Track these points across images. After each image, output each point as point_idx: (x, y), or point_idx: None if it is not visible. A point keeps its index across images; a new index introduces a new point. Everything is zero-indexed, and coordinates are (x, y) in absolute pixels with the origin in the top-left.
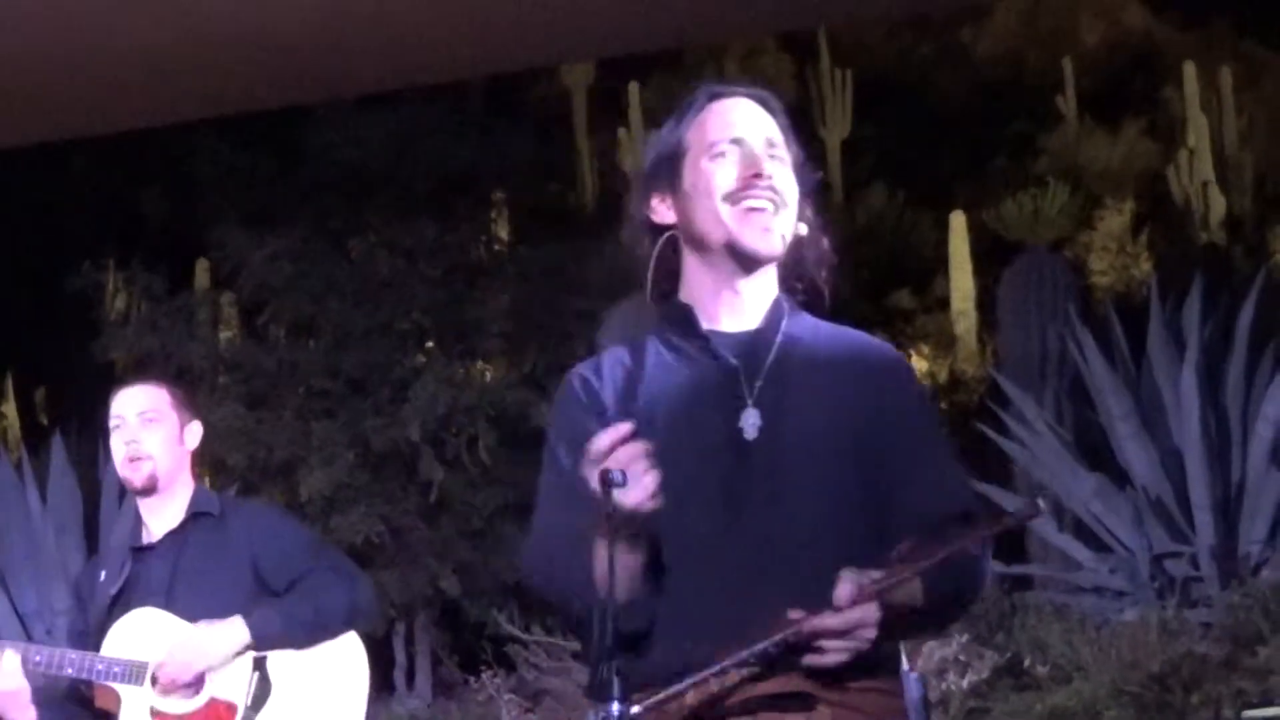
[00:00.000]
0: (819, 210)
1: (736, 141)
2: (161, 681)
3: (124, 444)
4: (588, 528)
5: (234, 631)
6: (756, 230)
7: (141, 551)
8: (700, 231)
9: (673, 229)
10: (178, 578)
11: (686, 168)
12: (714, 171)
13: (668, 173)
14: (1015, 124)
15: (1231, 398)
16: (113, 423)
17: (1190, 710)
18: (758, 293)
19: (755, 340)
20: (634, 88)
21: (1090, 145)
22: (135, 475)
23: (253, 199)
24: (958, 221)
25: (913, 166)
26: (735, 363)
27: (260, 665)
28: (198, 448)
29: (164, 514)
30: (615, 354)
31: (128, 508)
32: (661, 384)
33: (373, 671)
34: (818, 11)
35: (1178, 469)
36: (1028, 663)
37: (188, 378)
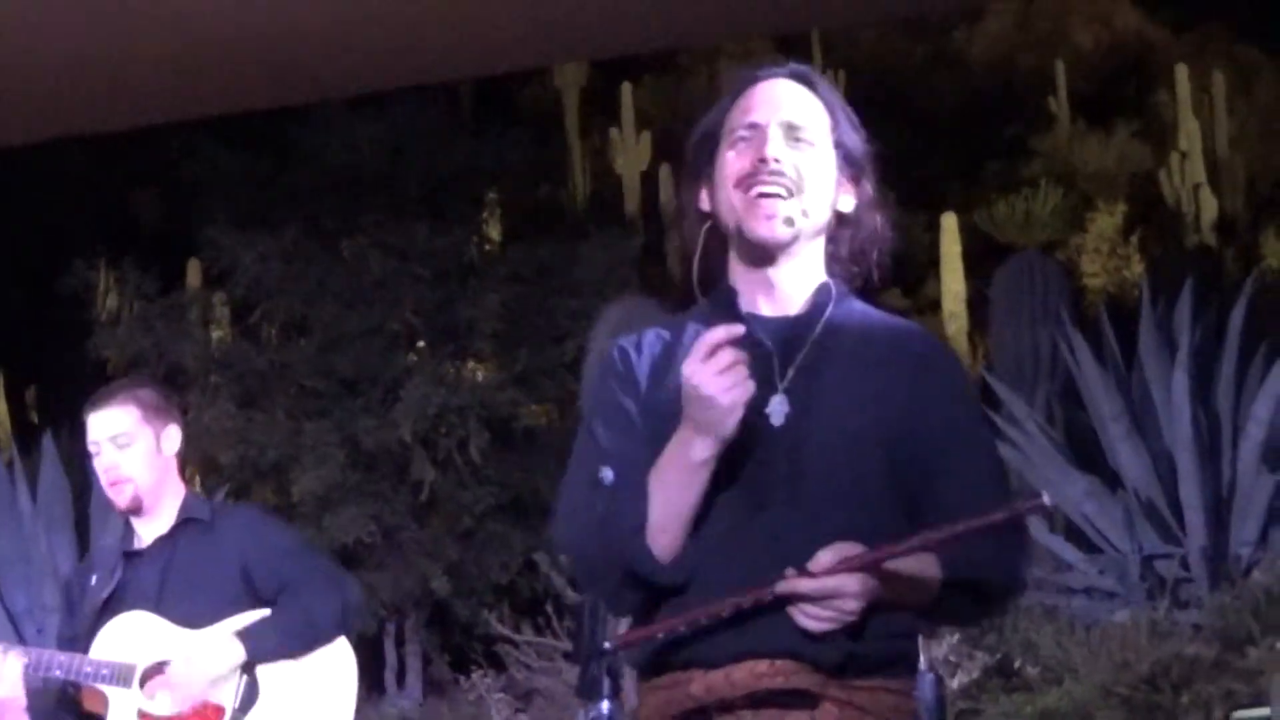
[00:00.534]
0: (870, 191)
1: (754, 126)
2: (150, 687)
3: (103, 470)
4: (646, 463)
5: (230, 650)
6: (759, 217)
7: (132, 556)
8: (721, 219)
9: (711, 217)
10: (168, 583)
11: (718, 155)
12: (731, 159)
13: (705, 161)
14: (1008, 126)
15: (1222, 399)
16: (90, 448)
17: (1180, 711)
18: (796, 278)
19: (794, 326)
20: (626, 89)
21: (1082, 147)
22: (119, 499)
23: (245, 199)
24: (949, 223)
25: (905, 168)
26: (770, 347)
27: (249, 669)
28: (187, 448)
29: (155, 520)
30: (657, 331)
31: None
32: (676, 361)
33: (364, 671)
34: (811, 13)
35: (1169, 470)
36: (1018, 664)
37: (180, 378)
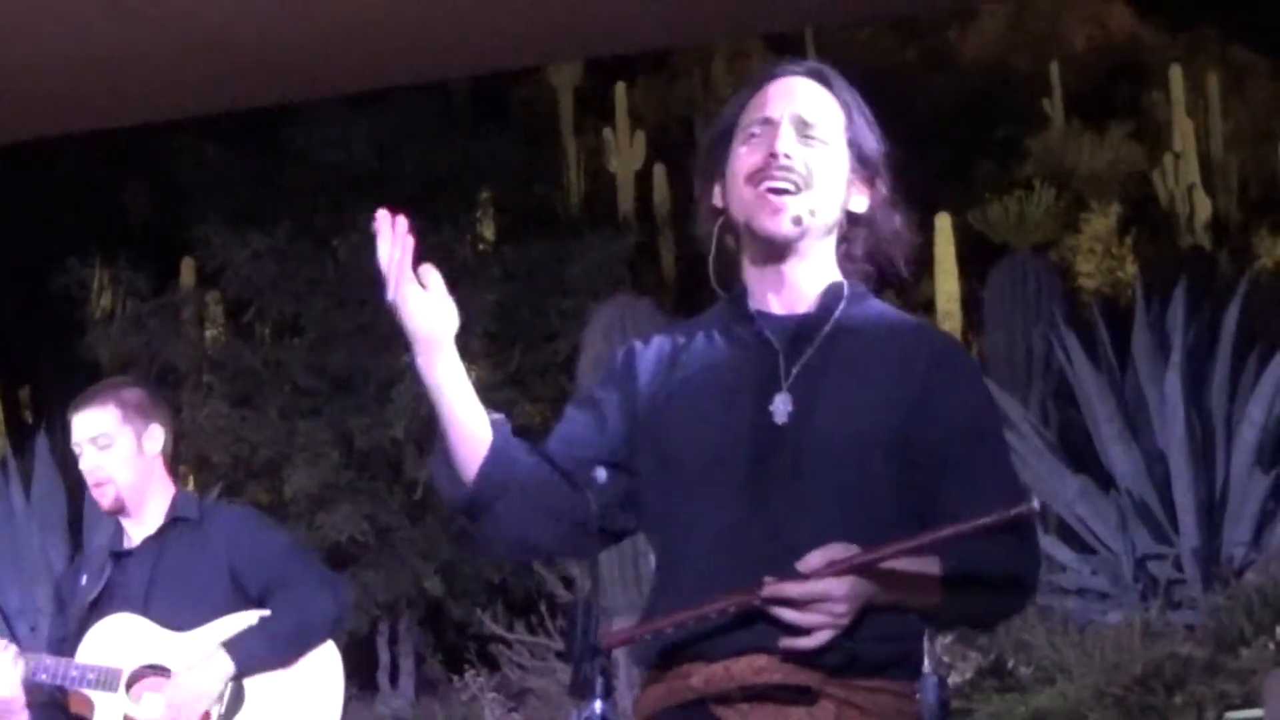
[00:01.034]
0: (884, 193)
1: (767, 122)
2: (136, 690)
3: (86, 472)
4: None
5: (220, 667)
6: (766, 212)
7: (121, 557)
8: (733, 215)
9: (723, 213)
10: (155, 583)
11: (731, 151)
12: (742, 154)
13: (720, 157)
14: (1001, 127)
15: (1216, 400)
16: (74, 450)
17: (1173, 712)
18: (807, 276)
19: (803, 324)
20: (621, 88)
21: (1076, 148)
22: (102, 500)
23: (238, 198)
24: (943, 223)
25: (899, 167)
26: (778, 346)
27: (235, 677)
28: (180, 446)
29: (143, 520)
30: (673, 334)
31: None
32: (703, 360)
33: (356, 671)
34: (804, 13)
35: (1162, 471)
36: (1011, 664)
37: (173, 376)
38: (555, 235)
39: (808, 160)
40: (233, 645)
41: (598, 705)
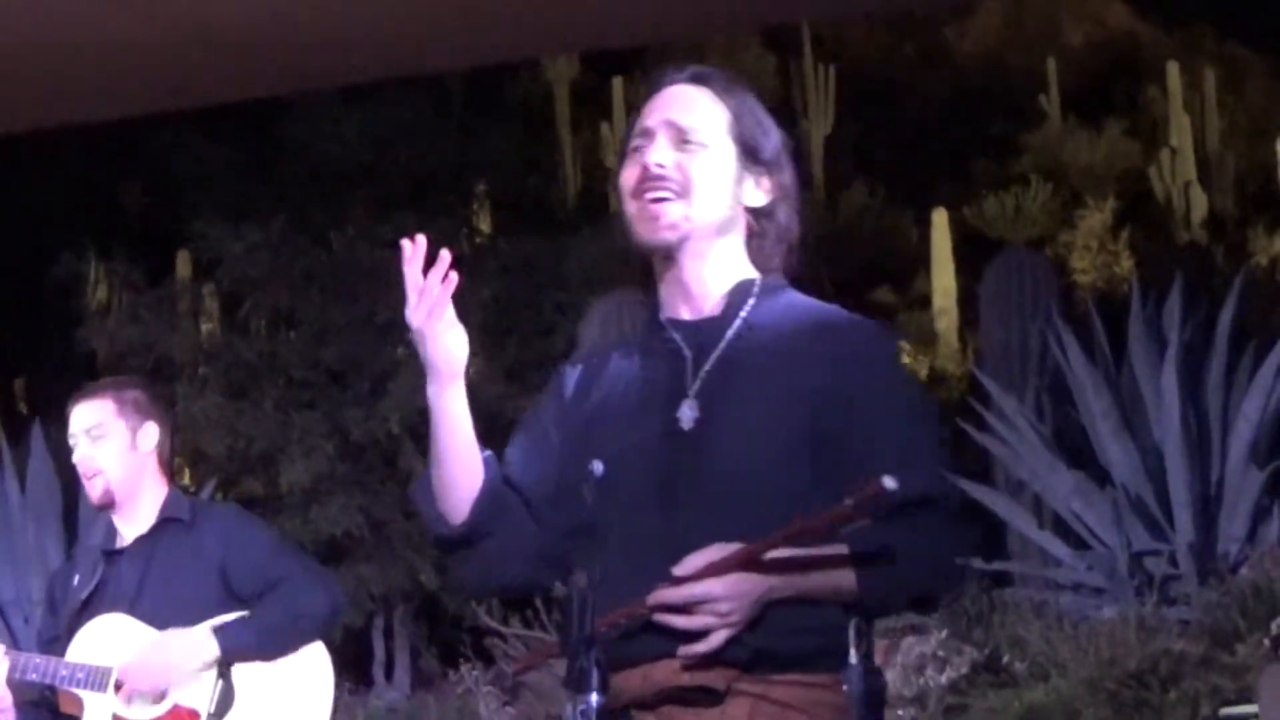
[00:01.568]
0: (786, 184)
1: (645, 134)
2: (125, 690)
3: (77, 463)
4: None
5: (202, 644)
6: (646, 219)
7: (112, 556)
8: (627, 231)
9: None
10: (146, 584)
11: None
12: (625, 170)
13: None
14: (998, 122)
15: (1212, 396)
16: (70, 441)
17: (1168, 708)
18: (710, 278)
19: (710, 328)
20: (618, 82)
21: (1073, 144)
22: (91, 492)
23: (233, 191)
24: (939, 219)
25: (895, 164)
26: (687, 352)
27: (224, 672)
28: (176, 439)
29: (135, 518)
30: (603, 346)
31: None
32: (621, 375)
33: (351, 664)
34: (801, 7)
35: (1158, 467)
36: (1006, 659)
37: (168, 369)
38: (551, 229)
39: (685, 166)
40: (221, 631)
41: (593, 698)
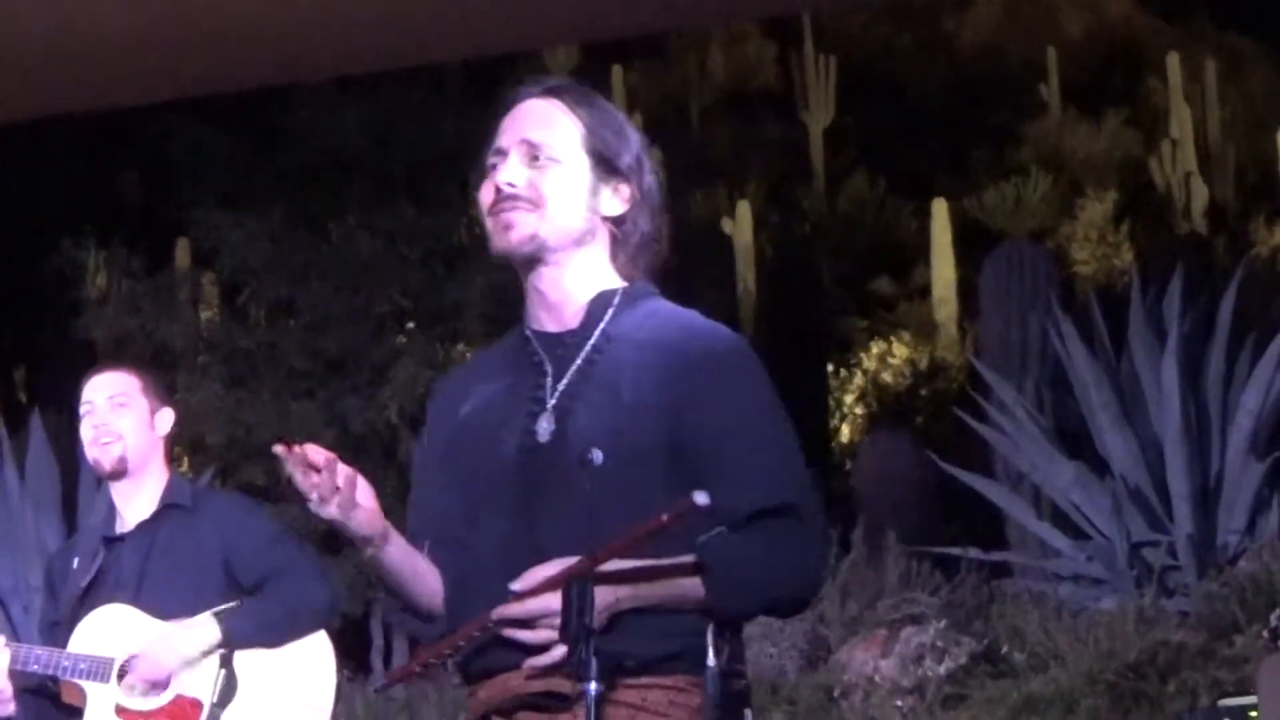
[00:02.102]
0: (645, 190)
1: (499, 152)
2: (131, 679)
3: (93, 428)
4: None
5: (205, 631)
6: (499, 230)
7: (113, 542)
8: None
9: None
10: (147, 571)
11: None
12: (482, 188)
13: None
14: (998, 113)
15: (1211, 388)
16: (83, 408)
17: (1166, 699)
18: (573, 287)
19: (570, 340)
20: (617, 72)
21: (1073, 135)
22: (105, 456)
23: (232, 180)
24: (939, 209)
25: (895, 154)
26: (548, 365)
27: (227, 662)
28: (173, 432)
29: (137, 503)
30: (476, 359)
31: (104, 493)
32: (487, 390)
33: (349, 652)
34: None
35: (1157, 458)
36: (1005, 650)
37: (167, 357)
38: None
39: (537, 182)
40: (223, 617)
41: (593, 686)
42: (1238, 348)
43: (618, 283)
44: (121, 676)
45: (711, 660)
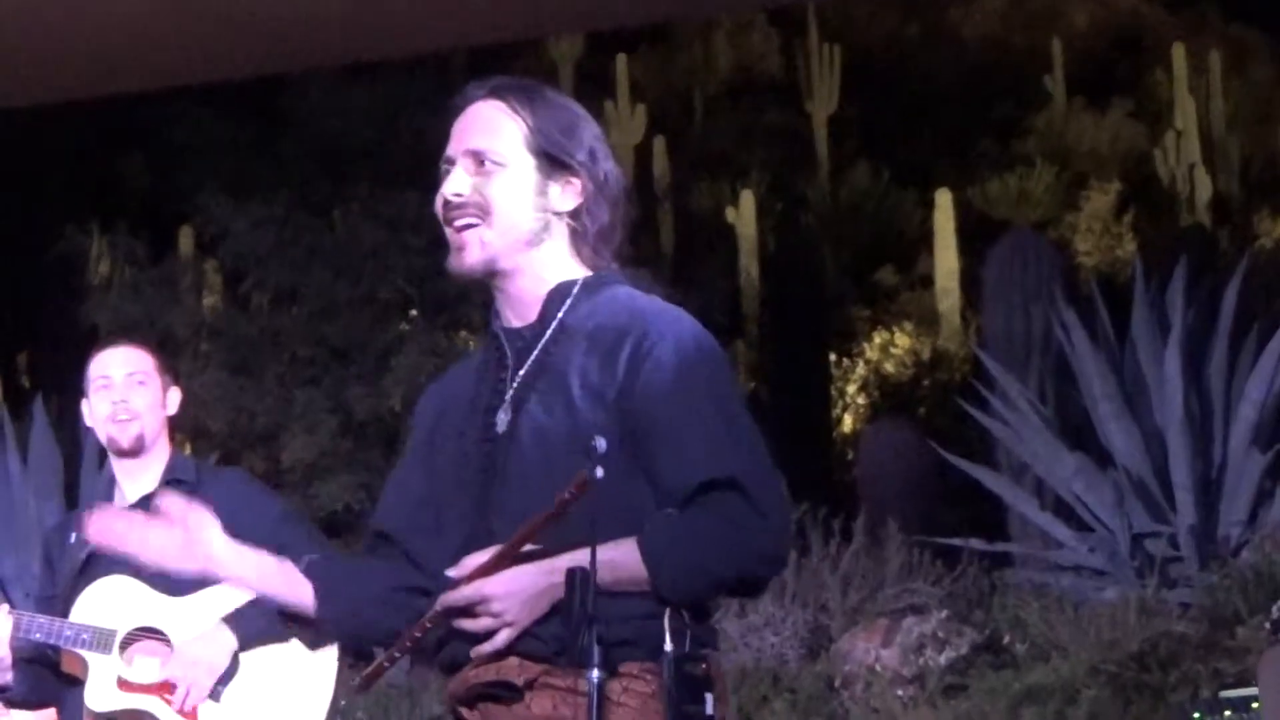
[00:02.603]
0: (600, 179)
1: (449, 161)
2: (130, 651)
3: (111, 404)
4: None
5: (225, 641)
6: (454, 250)
7: None
8: None
9: None
10: None
11: None
12: (437, 200)
13: None
14: (1002, 104)
15: (1214, 379)
16: (97, 382)
17: (1168, 690)
18: (531, 286)
19: (530, 334)
20: (622, 61)
21: (1077, 126)
22: (123, 435)
23: (236, 167)
24: (943, 199)
25: (899, 144)
26: (510, 359)
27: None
28: (177, 414)
29: (140, 478)
30: (464, 358)
31: (105, 469)
32: (461, 386)
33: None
34: None
35: (1159, 449)
36: (1006, 640)
37: (170, 344)
38: None
39: (483, 189)
40: (234, 620)
41: (594, 674)
42: (1241, 339)
43: (580, 274)
44: (123, 649)
45: (668, 645)
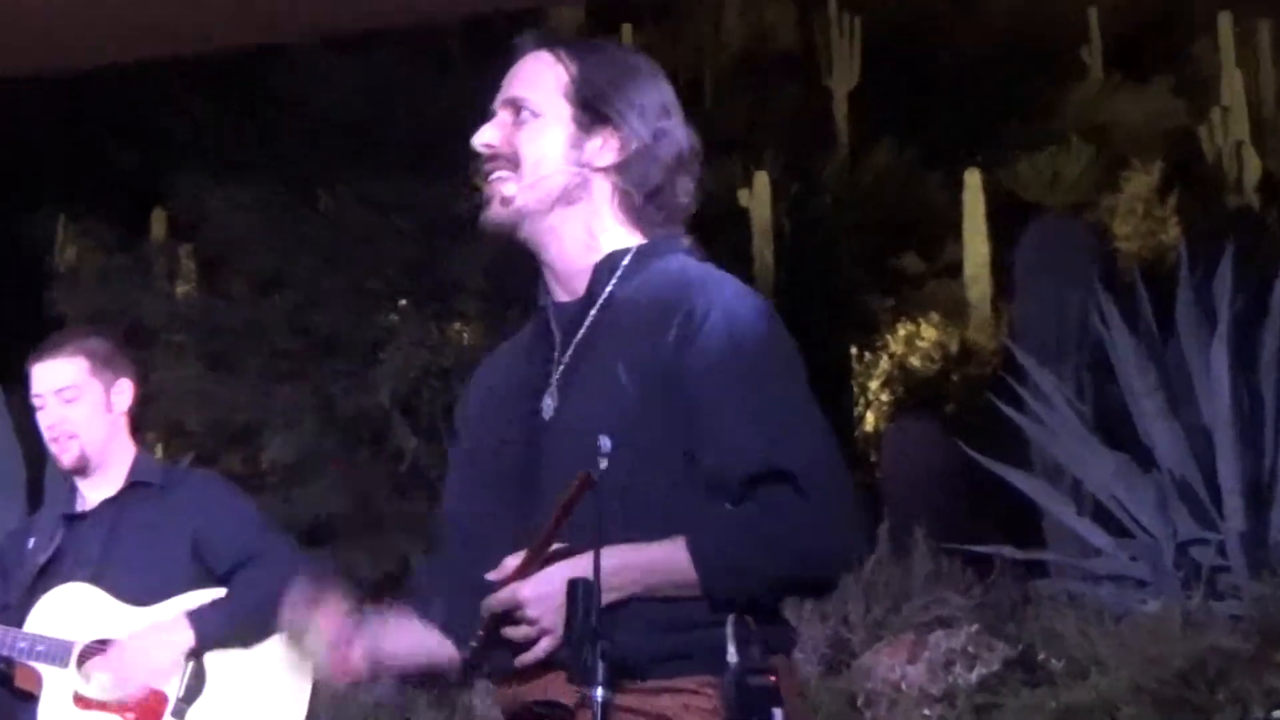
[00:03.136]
0: (647, 138)
1: (491, 114)
2: (92, 670)
3: (46, 426)
4: None
5: (178, 635)
6: (485, 207)
7: (74, 520)
8: None
9: None
10: (110, 551)
11: None
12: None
13: None
14: (1036, 78)
15: (1265, 373)
16: (35, 402)
17: (1216, 709)
18: (575, 255)
19: (576, 310)
20: (627, 30)
21: (1116, 101)
22: (64, 456)
23: (216, 146)
24: (972, 180)
25: (924, 121)
26: (557, 337)
27: (195, 654)
28: (150, 411)
29: (102, 482)
30: (512, 339)
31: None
32: (509, 367)
33: None
34: None
35: (1206, 449)
36: (1041, 656)
37: (142, 336)
38: None
39: (514, 140)
40: (196, 616)
41: (599, 693)
42: None
43: (634, 241)
44: (81, 662)
45: (732, 656)
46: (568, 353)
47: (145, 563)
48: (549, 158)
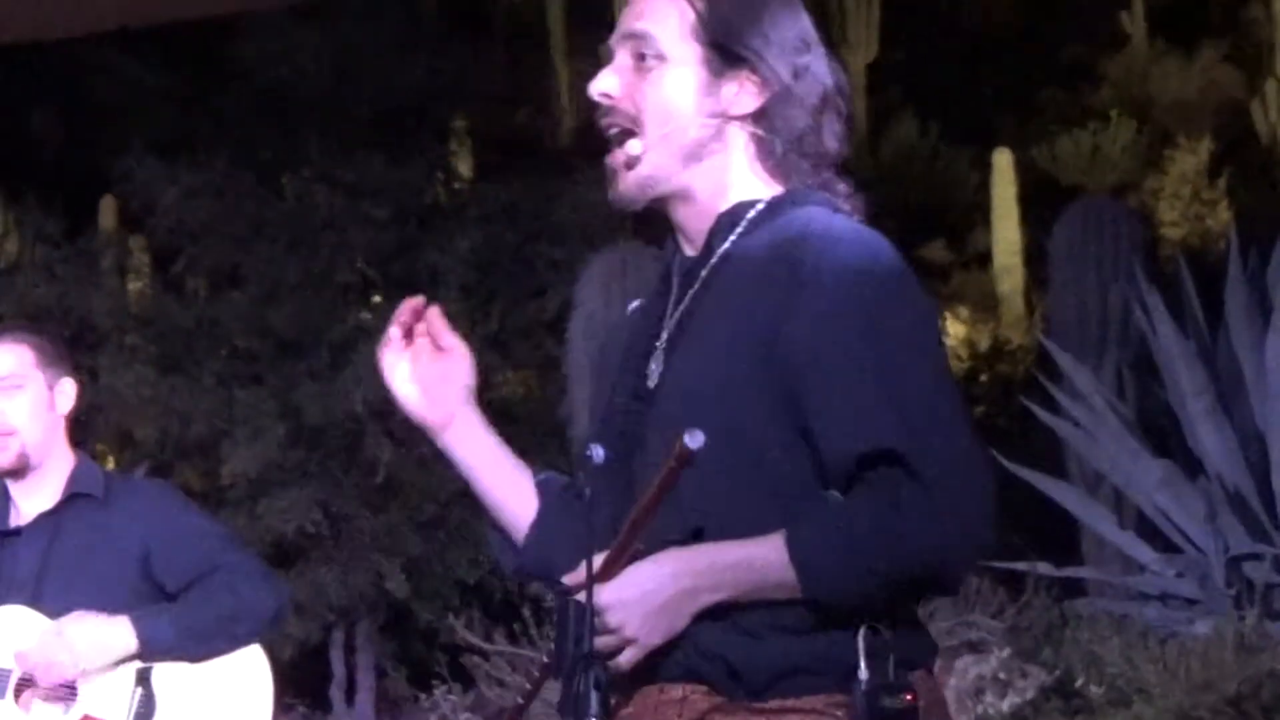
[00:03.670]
0: (794, 81)
1: (610, 54)
2: (27, 695)
3: None
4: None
5: (117, 633)
6: (608, 180)
7: (8, 536)
8: None
9: None
10: (48, 570)
11: None
12: None
13: None
14: (1071, 47)
15: None
16: None
17: None
18: (706, 210)
19: (693, 267)
20: (620, 1)
21: (1160, 73)
22: (2, 455)
23: (167, 125)
24: (1002, 161)
25: (949, 95)
26: (675, 294)
27: (145, 679)
28: (99, 420)
29: (38, 493)
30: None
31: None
32: (635, 322)
33: (306, 685)
34: None
35: (1259, 456)
36: (1080, 682)
37: (90, 336)
38: (542, 171)
39: (637, 94)
40: (141, 621)
41: None
42: None
43: (768, 193)
44: (19, 693)
45: (863, 671)
46: (677, 313)
47: (86, 582)
48: (680, 109)
